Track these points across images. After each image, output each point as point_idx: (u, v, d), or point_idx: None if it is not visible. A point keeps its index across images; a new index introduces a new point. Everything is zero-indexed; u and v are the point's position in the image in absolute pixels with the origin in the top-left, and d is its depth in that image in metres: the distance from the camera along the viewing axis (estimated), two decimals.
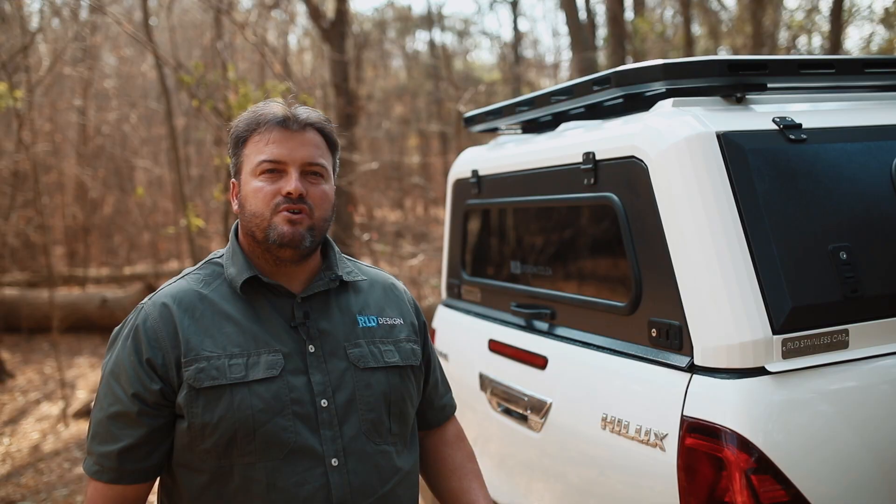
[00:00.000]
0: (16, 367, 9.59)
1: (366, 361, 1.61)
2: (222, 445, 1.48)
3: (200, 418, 1.48)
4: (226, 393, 1.48)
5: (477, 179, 3.01)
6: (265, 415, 1.48)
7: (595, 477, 2.20)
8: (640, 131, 2.06)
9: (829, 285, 1.88)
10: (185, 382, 1.49)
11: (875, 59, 2.20)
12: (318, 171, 1.58)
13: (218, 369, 1.49)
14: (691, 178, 1.90)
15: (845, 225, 1.95)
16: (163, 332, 1.52)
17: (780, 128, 1.99)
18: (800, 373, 1.83)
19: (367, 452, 1.56)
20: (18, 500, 5.69)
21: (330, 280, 1.64)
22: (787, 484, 1.75)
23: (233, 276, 1.59)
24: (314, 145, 1.58)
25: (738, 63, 2.04)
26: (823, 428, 1.82)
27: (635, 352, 2.10)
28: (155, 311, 1.54)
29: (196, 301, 1.56)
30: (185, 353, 1.50)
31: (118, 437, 1.50)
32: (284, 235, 1.52)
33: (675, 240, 1.93)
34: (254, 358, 1.52)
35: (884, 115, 2.16)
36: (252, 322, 1.55)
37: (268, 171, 1.55)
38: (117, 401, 1.51)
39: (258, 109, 1.61)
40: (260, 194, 1.54)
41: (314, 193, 1.56)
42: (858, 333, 1.89)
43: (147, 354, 1.50)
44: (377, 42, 19.08)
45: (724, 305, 1.83)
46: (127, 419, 1.50)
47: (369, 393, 1.59)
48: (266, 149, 1.55)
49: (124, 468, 1.50)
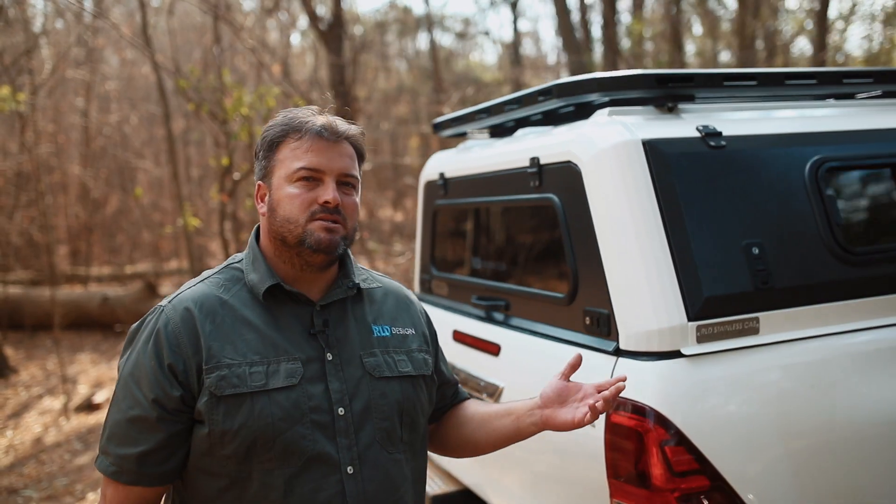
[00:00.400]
0: (19, 362, 9.80)
1: (381, 370, 1.62)
2: (242, 452, 1.48)
3: (221, 425, 1.47)
4: (246, 401, 1.48)
5: (444, 181, 3.22)
6: (285, 423, 1.49)
7: (538, 456, 2.41)
8: (575, 138, 2.27)
9: (741, 277, 2.09)
10: (206, 389, 1.48)
11: (794, 73, 2.41)
12: (351, 181, 1.60)
13: (239, 377, 1.49)
14: (618, 181, 2.11)
15: (759, 223, 2.15)
16: (184, 337, 1.51)
17: (702, 135, 2.20)
18: (713, 356, 2.04)
19: (381, 461, 1.57)
20: (21, 488, 5.90)
21: (348, 288, 1.65)
22: (698, 454, 1.96)
23: (254, 282, 1.59)
24: (349, 156, 1.60)
25: (666, 76, 2.25)
26: (734, 405, 2.03)
27: (573, 338, 2.31)
28: (177, 316, 1.53)
29: (217, 306, 1.55)
30: (206, 359, 1.49)
31: (137, 441, 1.49)
32: (322, 241, 1.53)
33: (604, 236, 2.15)
34: (273, 366, 1.52)
35: (800, 123, 2.36)
36: (272, 329, 1.56)
37: (304, 179, 1.55)
38: (137, 404, 1.50)
39: (294, 115, 1.61)
40: (297, 200, 1.54)
41: (347, 204, 1.58)
42: (768, 320, 2.10)
43: (168, 360, 1.49)
44: (377, 43, 19.25)
45: (645, 295, 2.04)
46: (146, 424, 1.49)
47: (384, 402, 1.60)
48: (304, 156, 1.55)
49: (143, 471, 1.50)
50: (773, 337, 2.11)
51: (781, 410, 2.06)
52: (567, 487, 2.35)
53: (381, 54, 21.96)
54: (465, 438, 1.83)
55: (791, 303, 2.13)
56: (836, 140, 2.31)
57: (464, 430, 1.82)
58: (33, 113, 9.77)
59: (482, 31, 24.00)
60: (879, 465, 2.11)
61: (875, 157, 2.32)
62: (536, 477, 2.52)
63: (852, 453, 2.08)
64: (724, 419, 2.01)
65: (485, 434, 1.77)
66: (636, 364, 2.04)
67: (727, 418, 2.01)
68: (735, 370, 2.05)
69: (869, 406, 2.12)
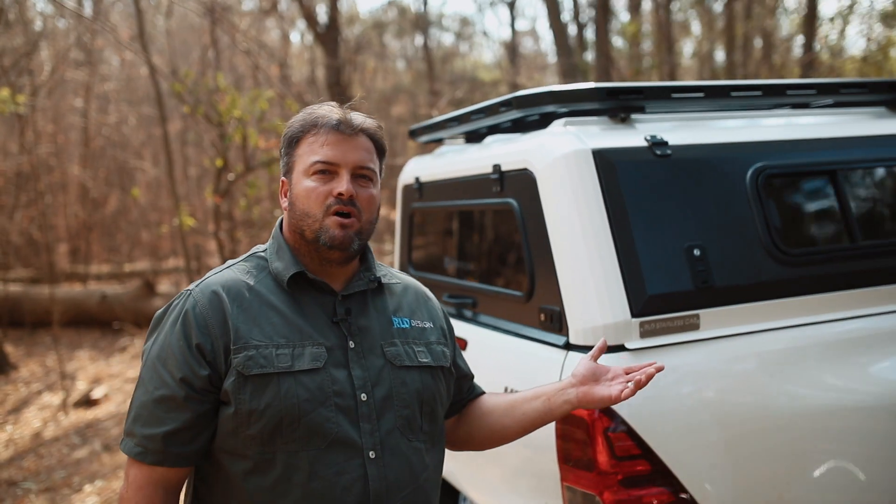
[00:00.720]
0: (19, 359, 9.96)
1: (401, 360, 1.64)
2: (267, 432, 1.49)
3: (248, 405, 1.49)
4: (273, 381, 1.50)
5: (419, 185, 3.39)
6: (310, 404, 1.50)
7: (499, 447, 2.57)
8: (531, 148, 2.44)
9: (682, 277, 2.25)
10: (234, 369, 1.50)
11: (739, 85, 2.57)
12: (367, 174, 1.63)
13: (266, 358, 1.51)
14: (568, 188, 2.27)
15: (701, 226, 2.31)
16: (212, 318, 1.53)
17: (649, 144, 2.36)
18: (656, 350, 2.20)
19: (402, 447, 1.59)
20: (20, 480, 6.07)
21: (369, 280, 1.69)
22: (640, 441, 2.12)
23: (279, 270, 1.62)
24: (365, 150, 1.63)
25: (617, 89, 2.41)
26: (675, 396, 2.19)
27: (530, 334, 2.48)
28: (204, 298, 1.56)
29: (244, 290, 1.58)
30: (234, 340, 1.52)
31: (164, 421, 1.50)
32: (335, 238, 1.56)
33: (556, 239, 2.31)
34: (299, 349, 1.54)
35: (744, 132, 2.52)
36: (296, 315, 1.58)
37: (320, 172, 1.59)
38: (164, 384, 1.51)
39: (313, 111, 1.65)
40: (313, 194, 1.58)
41: (363, 196, 1.61)
42: (708, 317, 2.26)
43: (197, 340, 1.51)
44: (376, 43, 19.39)
45: (592, 294, 2.20)
46: (173, 403, 1.51)
47: (405, 390, 1.62)
48: (321, 150, 1.59)
49: (169, 451, 1.51)
50: (712, 332, 2.26)
51: (720, 401, 2.21)
52: (525, 474, 2.51)
53: (380, 54, 22.10)
54: (491, 427, 1.86)
55: (730, 301, 2.29)
56: (777, 149, 2.47)
57: (489, 419, 1.86)
58: (33, 114, 9.94)
59: (480, 31, 24.16)
60: (811, 454, 2.27)
61: (811, 165, 2.48)
62: (494, 464, 2.68)
63: (786, 442, 2.24)
64: (665, 409, 2.17)
65: (513, 419, 1.81)
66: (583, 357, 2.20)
67: (668, 408, 2.17)
68: (676, 363, 2.21)
69: (803, 397, 2.28)
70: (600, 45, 11.17)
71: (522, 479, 2.54)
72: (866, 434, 2.29)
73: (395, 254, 3.80)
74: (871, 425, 2.30)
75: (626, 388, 1.61)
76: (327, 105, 1.66)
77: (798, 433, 2.24)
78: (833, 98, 2.76)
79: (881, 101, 2.88)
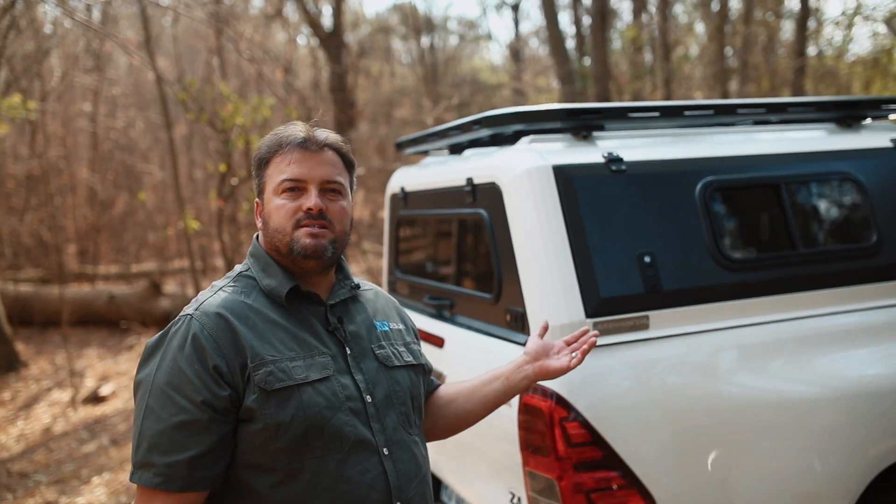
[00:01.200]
0: (30, 357, 10.24)
1: (391, 361, 1.73)
2: (296, 443, 1.52)
3: (275, 419, 1.51)
4: (294, 393, 1.53)
5: (404, 194, 3.63)
6: (329, 411, 1.55)
7: (473, 438, 2.80)
8: (498, 163, 2.67)
9: (634, 281, 2.47)
10: (256, 386, 1.52)
11: (691, 105, 2.79)
12: (336, 187, 1.68)
13: (283, 371, 1.54)
14: (530, 200, 2.50)
15: (652, 235, 2.54)
16: (223, 339, 1.54)
17: (605, 160, 2.58)
18: (608, 348, 2.43)
19: (406, 442, 1.68)
20: (31, 473, 6.34)
21: (350, 288, 1.77)
22: (592, 430, 2.34)
23: (273, 287, 1.65)
24: (331, 164, 1.68)
25: (576, 110, 2.63)
26: (625, 389, 2.41)
27: (498, 333, 2.71)
28: (210, 321, 1.56)
29: (245, 310, 1.60)
30: (251, 358, 1.53)
31: (187, 446, 1.49)
32: (307, 247, 1.62)
33: (519, 246, 2.54)
34: (308, 360, 1.59)
35: (696, 148, 2.75)
36: (297, 328, 1.63)
37: (289, 190, 1.64)
38: (182, 410, 1.49)
39: (279, 132, 1.70)
40: (282, 211, 1.64)
41: (333, 209, 1.66)
42: (658, 318, 2.49)
43: (213, 361, 1.51)
44: (380, 47, 19.62)
45: (551, 296, 2.43)
46: (196, 427, 1.49)
47: (399, 389, 1.71)
48: (287, 168, 1.64)
49: (195, 476, 1.49)
50: (661, 332, 2.49)
51: (667, 394, 2.43)
52: (495, 463, 2.75)
53: (385, 57, 22.33)
54: (455, 413, 1.95)
55: (678, 303, 2.51)
56: (726, 164, 2.69)
57: (453, 406, 1.96)
58: (43, 117, 10.21)
59: (485, 35, 24.33)
60: (753, 444, 2.47)
61: (757, 179, 2.71)
62: (470, 454, 2.91)
63: (729, 433, 2.45)
64: (617, 401, 2.39)
65: (476, 402, 1.92)
66: None
67: (619, 400, 2.39)
68: (627, 360, 2.43)
69: (745, 391, 2.49)
70: (598, 52, 11.37)
71: (493, 467, 2.77)
72: (805, 426, 2.50)
73: (385, 258, 4.04)
74: (809, 418, 2.51)
75: (573, 358, 1.80)
76: (293, 125, 1.72)
77: (740, 424, 2.46)
78: (780, 116, 2.98)
79: (831, 119, 3.10)
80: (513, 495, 2.61)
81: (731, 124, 3.05)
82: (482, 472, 2.88)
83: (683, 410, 2.44)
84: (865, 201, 2.80)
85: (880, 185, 2.84)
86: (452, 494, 3.26)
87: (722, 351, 2.53)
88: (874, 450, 2.56)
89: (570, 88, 11.52)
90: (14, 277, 12.54)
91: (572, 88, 11.55)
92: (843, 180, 2.81)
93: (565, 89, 11.61)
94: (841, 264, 2.72)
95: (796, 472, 2.50)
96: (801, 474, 2.51)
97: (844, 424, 2.53)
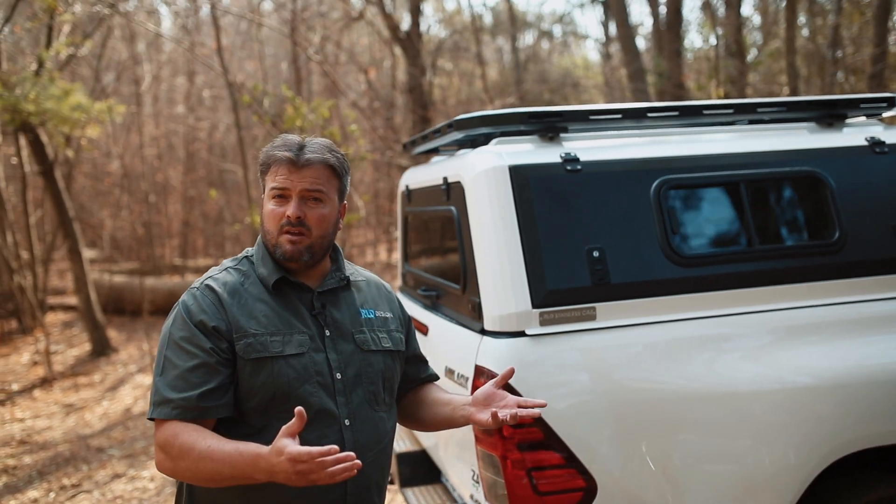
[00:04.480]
0: (120, 343, 11.07)
1: (368, 345, 1.98)
2: (263, 405, 1.81)
3: (248, 383, 1.81)
4: (267, 363, 1.81)
5: (408, 192, 3.86)
6: (297, 382, 1.82)
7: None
8: (463, 164, 2.87)
9: (581, 275, 2.62)
10: (237, 353, 1.81)
11: (654, 107, 2.90)
12: (317, 196, 1.90)
13: (262, 344, 1.82)
14: (486, 198, 2.69)
15: (603, 232, 2.67)
16: (218, 309, 1.85)
17: (562, 161, 2.74)
18: (553, 336, 2.58)
19: (369, 416, 1.93)
20: (107, 447, 6.94)
21: (340, 279, 2.02)
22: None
23: (264, 275, 1.93)
24: (314, 176, 1.89)
25: (537, 113, 2.80)
26: (568, 374, 2.56)
27: (464, 322, 2.91)
28: (210, 293, 1.87)
29: (239, 288, 1.90)
30: (234, 329, 1.83)
31: (198, 384, 1.76)
32: (287, 252, 1.89)
33: (477, 240, 2.73)
34: (287, 337, 1.86)
35: (652, 149, 2.86)
36: (283, 309, 1.90)
37: (278, 196, 1.89)
38: (194, 356, 1.78)
39: (276, 143, 1.94)
40: (271, 215, 1.90)
41: (312, 216, 1.90)
42: (604, 310, 2.63)
43: (212, 323, 1.81)
44: (461, 47, 19.78)
45: (500, 287, 2.62)
46: (207, 368, 1.78)
47: (371, 370, 1.96)
48: (276, 178, 1.89)
49: (205, 406, 1.76)
50: (608, 322, 2.62)
51: (609, 381, 2.56)
52: (465, 446, 2.95)
53: (471, 58, 22.51)
54: (421, 415, 2.19)
55: (625, 296, 2.64)
56: (681, 164, 2.79)
57: (421, 407, 2.19)
58: (139, 118, 10.99)
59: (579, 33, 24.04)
60: (693, 433, 2.56)
61: (709, 179, 2.80)
62: (451, 440, 3.12)
63: (670, 422, 2.54)
64: (560, 386, 2.54)
65: (430, 416, 2.15)
66: (493, 341, 2.62)
67: (562, 386, 2.55)
68: (572, 347, 2.58)
69: (686, 382, 2.59)
70: (671, 49, 11.23)
71: (461, 447, 2.97)
72: (744, 417, 2.58)
73: (399, 253, 4.30)
74: (748, 409, 2.58)
75: (500, 415, 1.82)
76: (290, 137, 1.95)
77: (680, 414, 2.55)
78: (748, 117, 3.04)
79: (811, 118, 3.14)
80: (473, 472, 2.81)
81: (707, 125, 3.13)
82: (455, 454, 3.08)
83: (627, 398, 2.55)
84: (830, 199, 2.84)
85: (849, 183, 2.88)
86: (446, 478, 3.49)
87: (668, 342, 2.62)
88: (823, 443, 2.60)
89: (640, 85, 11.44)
90: (110, 269, 13.51)
91: (642, 86, 11.46)
92: (807, 178, 2.86)
93: (634, 86, 11.54)
94: (799, 261, 2.77)
95: (737, 463, 2.57)
96: (742, 465, 2.57)
97: (789, 417, 2.59)
